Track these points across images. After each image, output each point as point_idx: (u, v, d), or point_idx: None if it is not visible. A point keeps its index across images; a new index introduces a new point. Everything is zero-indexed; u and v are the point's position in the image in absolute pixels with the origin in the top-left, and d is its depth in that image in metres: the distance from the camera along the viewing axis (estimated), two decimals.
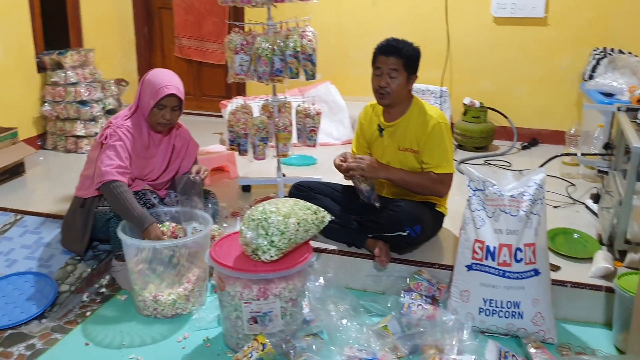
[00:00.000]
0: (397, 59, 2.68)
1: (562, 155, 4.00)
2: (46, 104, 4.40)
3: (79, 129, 4.38)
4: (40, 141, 4.51)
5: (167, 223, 2.66)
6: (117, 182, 2.60)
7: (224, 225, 3.02)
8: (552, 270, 2.57)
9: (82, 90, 4.35)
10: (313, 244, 2.67)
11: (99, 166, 2.66)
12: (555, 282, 2.53)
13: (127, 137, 2.74)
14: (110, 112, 4.63)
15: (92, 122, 4.43)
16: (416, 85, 4.66)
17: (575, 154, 3.89)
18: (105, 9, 5.18)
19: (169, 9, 5.50)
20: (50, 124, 4.46)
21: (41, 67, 4.45)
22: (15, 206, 3.34)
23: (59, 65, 4.39)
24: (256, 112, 3.48)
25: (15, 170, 3.80)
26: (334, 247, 2.87)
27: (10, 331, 2.46)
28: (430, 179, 2.72)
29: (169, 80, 2.74)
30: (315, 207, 2.47)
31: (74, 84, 4.36)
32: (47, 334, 2.45)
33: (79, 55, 4.48)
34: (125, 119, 2.80)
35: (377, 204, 2.80)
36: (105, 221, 2.71)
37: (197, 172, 2.87)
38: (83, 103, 4.37)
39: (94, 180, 2.71)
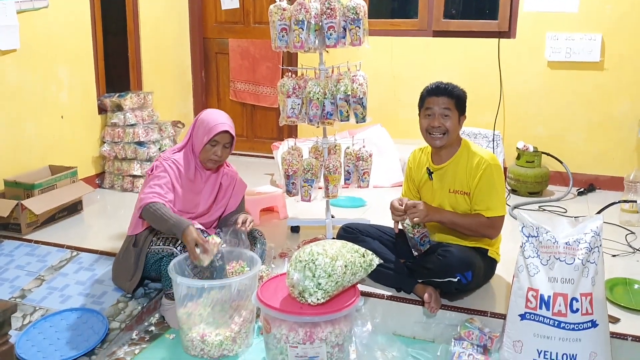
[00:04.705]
0: (448, 99, 2.70)
1: (620, 202, 3.86)
2: (105, 145, 4.55)
3: (136, 169, 4.50)
4: (98, 180, 4.65)
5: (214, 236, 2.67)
6: (154, 203, 2.68)
7: (272, 266, 3.03)
8: (611, 322, 2.46)
9: (140, 132, 4.49)
10: (361, 287, 2.64)
11: (139, 196, 2.77)
12: (615, 335, 2.42)
13: (172, 168, 2.85)
14: None
15: (148, 163, 4.55)
16: (468, 129, 4.65)
17: (635, 201, 3.76)
18: (165, 54, 5.37)
19: (226, 54, 5.67)
20: (109, 164, 4.61)
21: (102, 109, 4.61)
22: (71, 243, 3.44)
23: (118, 107, 4.55)
24: (306, 153, 3.51)
25: (74, 208, 3.93)
26: (382, 292, 2.82)
27: None
28: (481, 221, 2.67)
29: (222, 119, 2.89)
30: (363, 249, 2.45)
31: (132, 125, 4.51)
32: None
33: (138, 97, 4.64)
34: (174, 153, 2.93)
35: (423, 249, 2.77)
36: (157, 260, 2.76)
37: (243, 223, 2.88)
38: (140, 144, 4.51)
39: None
